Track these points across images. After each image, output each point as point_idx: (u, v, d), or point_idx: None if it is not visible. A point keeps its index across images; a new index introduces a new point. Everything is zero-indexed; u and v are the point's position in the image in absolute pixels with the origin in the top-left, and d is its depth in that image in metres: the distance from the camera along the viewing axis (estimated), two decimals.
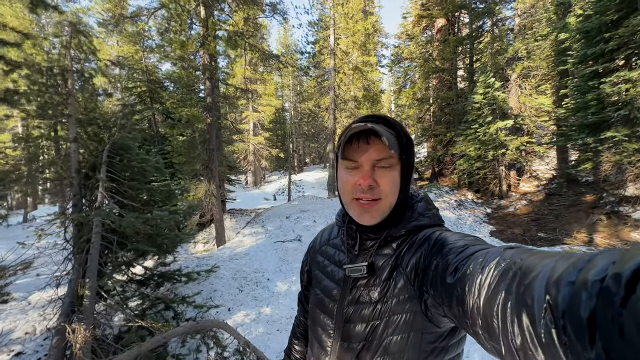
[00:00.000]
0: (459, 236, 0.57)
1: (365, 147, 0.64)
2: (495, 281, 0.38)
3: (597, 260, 0.26)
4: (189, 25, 6.97)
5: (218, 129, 8.49)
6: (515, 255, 0.39)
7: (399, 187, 0.65)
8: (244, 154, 19.29)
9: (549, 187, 9.13)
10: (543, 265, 0.32)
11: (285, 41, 24.38)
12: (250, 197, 16.24)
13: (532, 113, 9.80)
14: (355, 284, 0.68)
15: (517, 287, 0.34)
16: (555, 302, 0.27)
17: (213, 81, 7.14)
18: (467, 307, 0.43)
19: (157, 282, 3.77)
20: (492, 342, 0.38)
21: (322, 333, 0.73)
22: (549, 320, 0.28)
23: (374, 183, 0.63)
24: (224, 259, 5.47)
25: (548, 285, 0.29)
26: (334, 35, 12.45)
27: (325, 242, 0.84)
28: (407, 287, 0.61)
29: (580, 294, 0.25)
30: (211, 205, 6.99)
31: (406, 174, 0.66)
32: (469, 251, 0.49)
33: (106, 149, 3.88)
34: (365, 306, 0.65)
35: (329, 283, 0.75)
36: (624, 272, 0.22)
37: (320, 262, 0.82)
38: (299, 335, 0.99)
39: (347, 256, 0.72)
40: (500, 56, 10.11)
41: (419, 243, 0.62)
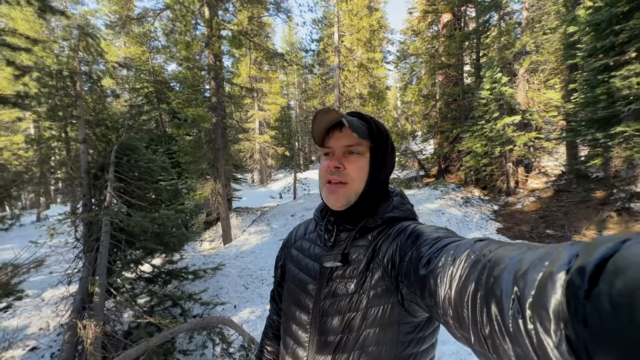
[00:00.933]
0: (432, 229, 0.58)
1: (338, 134, 0.70)
2: (466, 273, 0.39)
3: (561, 253, 0.27)
4: (194, 25, 7.03)
5: (223, 128, 8.57)
6: (485, 247, 0.40)
7: (368, 174, 0.68)
8: (250, 153, 19.41)
9: (558, 184, 8.98)
10: (511, 257, 0.33)
11: (290, 39, 24.37)
12: (257, 195, 16.36)
13: (540, 108, 9.63)
14: (332, 276, 0.68)
15: (487, 279, 0.35)
16: (522, 293, 0.28)
17: (218, 81, 7.20)
18: (439, 297, 0.44)
19: (164, 280, 3.85)
20: (462, 332, 0.39)
21: (299, 329, 0.72)
22: (516, 310, 0.29)
23: (341, 166, 0.67)
24: (230, 256, 5.54)
25: (515, 277, 0.30)
26: (338, 32, 12.40)
27: (301, 236, 0.84)
28: (384, 279, 0.61)
29: (546, 286, 0.26)
30: (217, 203, 7.07)
31: (377, 164, 0.69)
32: (441, 243, 0.50)
33: (114, 149, 3.97)
34: (342, 298, 0.65)
35: (305, 277, 0.74)
36: (587, 266, 0.23)
37: (294, 256, 0.81)
38: (271, 336, 0.96)
39: (322, 248, 0.73)
40: (507, 51, 9.95)
41: (394, 235, 0.63)
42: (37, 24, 12.93)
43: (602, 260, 0.22)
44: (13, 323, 3.81)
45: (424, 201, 8.59)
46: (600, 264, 0.22)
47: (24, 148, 12.24)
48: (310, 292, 0.71)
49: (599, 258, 0.22)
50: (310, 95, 18.39)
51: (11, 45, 2.54)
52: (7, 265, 2.69)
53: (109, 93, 7.30)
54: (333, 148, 0.70)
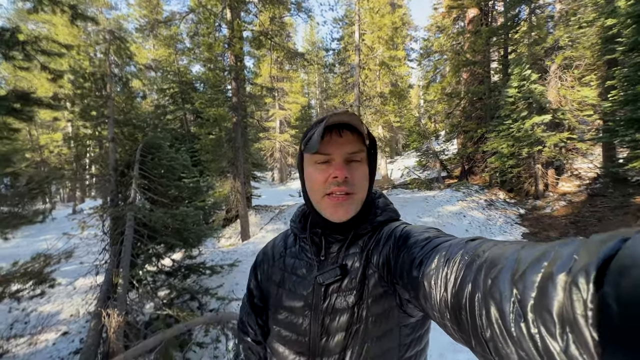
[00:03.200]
0: (421, 229, 0.57)
1: (339, 139, 0.62)
2: (461, 274, 0.38)
3: (560, 253, 0.26)
4: (217, 27, 7.23)
5: (244, 127, 8.75)
6: (478, 247, 0.39)
7: (369, 180, 0.65)
8: (271, 151, 19.71)
9: (592, 187, 8.42)
10: (506, 257, 0.32)
11: (311, 38, 24.47)
12: (276, 194, 16.58)
13: (574, 107, 9.05)
14: (327, 292, 0.63)
15: (484, 280, 0.34)
16: (523, 295, 0.27)
17: (239, 81, 7.36)
18: (435, 300, 0.42)
19: (184, 274, 4.00)
20: (461, 334, 0.38)
21: (295, 355, 0.66)
22: (517, 314, 0.28)
23: (349, 175, 0.61)
24: (247, 253, 5.66)
25: (513, 279, 0.29)
26: (358, 31, 12.29)
27: (281, 253, 0.75)
28: (381, 284, 0.60)
29: (547, 288, 0.25)
30: (236, 201, 7.24)
31: (373, 169, 0.67)
32: (432, 244, 0.49)
33: (139, 148, 4.17)
34: (343, 312, 0.61)
35: (296, 297, 0.68)
36: (589, 268, 0.22)
37: (279, 277, 0.73)
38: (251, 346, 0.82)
39: (314, 263, 0.67)
40: (537, 46, 9.44)
41: (385, 238, 0.61)
42: (75, 29, 13.80)
43: (605, 261, 0.21)
44: (47, 308, 4.11)
45: (445, 203, 8.35)
46: (603, 264, 0.21)
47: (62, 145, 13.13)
48: (304, 313, 0.66)
49: (601, 259, 0.22)
50: (331, 94, 18.39)
51: (46, 52, 2.75)
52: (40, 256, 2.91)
53: (138, 94, 7.67)
54: (333, 155, 0.62)
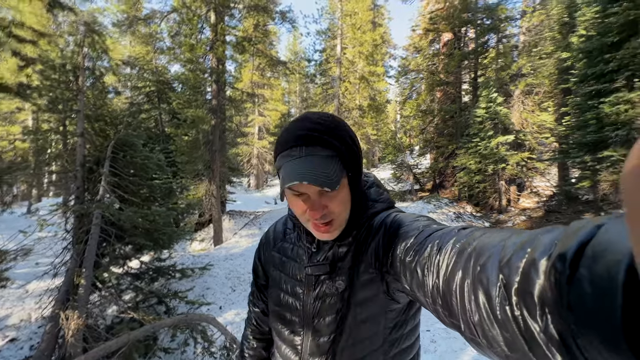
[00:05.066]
0: (413, 218, 0.59)
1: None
2: (452, 262, 0.40)
3: (542, 239, 0.28)
4: (200, 29, 7.18)
5: (222, 131, 8.65)
6: (469, 235, 0.41)
7: (351, 197, 0.63)
8: (248, 157, 19.47)
9: (549, 204, 9.12)
10: (494, 245, 0.34)
11: (294, 48, 24.79)
12: (251, 200, 16.34)
13: (534, 129, 9.85)
14: (319, 278, 0.67)
15: (473, 267, 0.35)
16: (508, 280, 0.29)
17: (220, 84, 7.31)
18: (427, 287, 0.44)
19: (151, 277, 3.85)
20: (451, 319, 0.40)
21: (290, 333, 0.72)
22: (502, 298, 0.29)
23: (325, 211, 0.60)
24: (219, 258, 5.54)
25: (500, 265, 0.31)
26: (340, 44, 12.67)
27: (281, 237, 0.80)
28: (369, 271, 0.62)
29: (530, 273, 0.27)
30: (211, 205, 7.09)
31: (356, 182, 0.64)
32: (425, 233, 0.51)
33: (111, 144, 4.02)
34: (332, 297, 0.65)
35: (291, 281, 0.73)
36: (567, 252, 0.23)
37: (277, 260, 0.78)
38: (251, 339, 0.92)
39: (305, 253, 0.71)
40: (503, 72, 10.23)
41: (376, 228, 0.63)
42: (44, 18, 13.07)
43: (581, 246, 0.23)
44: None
45: None
46: (579, 249, 0.23)
47: (21, 139, 12.20)
48: (298, 296, 0.70)
49: (578, 243, 0.23)
50: (311, 104, 18.62)
51: (19, 37, 2.62)
52: None
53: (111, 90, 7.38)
54: (306, 193, 0.60)
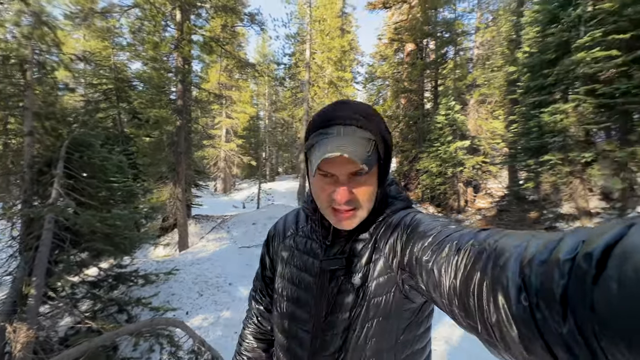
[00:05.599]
0: (431, 218, 0.58)
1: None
2: (471, 262, 0.39)
3: (567, 240, 0.27)
4: (164, 27, 6.94)
5: (188, 132, 8.37)
6: (489, 236, 0.40)
7: (377, 189, 0.63)
8: (215, 160, 18.92)
9: (501, 204, 9.94)
10: (515, 245, 0.33)
11: (263, 50, 24.59)
12: (218, 204, 15.88)
13: (487, 135, 10.73)
14: (334, 274, 0.65)
15: (492, 268, 0.35)
16: (529, 281, 0.28)
17: (185, 84, 7.10)
18: (444, 287, 0.43)
19: (111, 284, 3.64)
20: (468, 321, 0.39)
21: (299, 329, 0.69)
22: (523, 298, 0.29)
23: (351, 197, 0.59)
24: (185, 263, 5.36)
25: (522, 265, 0.30)
26: (309, 49, 12.86)
27: (292, 230, 0.78)
28: (386, 269, 0.61)
29: (553, 273, 0.26)
30: (175, 209, 6.82)
31: (384, 175, 0.64)
32: (443, 233, 0.49)
33: (65, 144, 3.76)
34: (347, 294, 0.63)
35: (303, 275, 0.70)
36: (594, 252, 0.22)
37: (288, 253, 0.76)
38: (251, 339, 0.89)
39: (320, 247, 0.69)
40: (460, 82, 11.03)
41: (394, 225, 0.62)
42: None
43: (609, 246, 0.22)
44: None
45: None
46: (607, 249, 0.22)
47: None
48: (311, 290, 0.68)
49: (606, 243, 0.22)
50: (280, 107, 18.60)
51: None
52: None
53: (62, 86, 6.85)
54: (335, 175, 0.59)
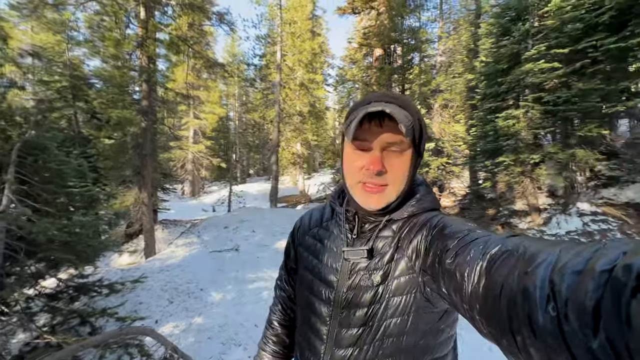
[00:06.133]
0: (460, 221, 0.57)
1: (378, 129, 0.59)
2: (496, 267, 0.37)
3: (607, 250, 0.25)
4: (126, 23, 6.62)
5: (153, 133, 8.03)
6: (519, 242, 0.38)
7: (409, 171, 0.63)
8: (182, 162, 18.23)
9: (463, 202, 10.62)
10: (547, 253, 0.32)
11: (232, 50, 24.12)
12: (187, 208, 15.32)
13: (450, 138, 11.39)
14: (355, 268, 0.65)
15: (519, 275, 0.33)
16: (559, 290, 0.27)
17: (150, 84, 6.83)
18: (465, 292, 0.42)
19: (71, 296, 3.43)
20: (489, 328, 0.37)
21: (317, 321, 0.70)
22: (551, 308, 0.27)
23: (383, 168, 0.60)
24: (153, 270, 5.15)
25: (552, 274, 0.29)
26: (280, 51, 12.87)
27: (317, 223, 0.79)
28: (408, 269, 0.60)
29: (587, 283, 0.24)
30: (141, 214, 6.52)
31: (417, 160, 0.64)
32: (470, 237, 0.48)
33: (16, 147, 3.49)
34: (367, 290, 0.63)
35: (324, 268, 0.70)
36: (635, 263, 0.21)
37: (311, 245, 0.77)
38: (275, 325, 0.90)
39: (344, 240, 0.69)
40: (425, 87, 11.62)
41: (419, 225, 0.61)
42: None
43: None
44: None
45: None
46: None
47: None
48: (331, 284, 0.68)
49: None
50: (251, 108, 18.36)
51: None
52: None
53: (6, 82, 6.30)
54: (371, 144, 0.60)
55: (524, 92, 6.87)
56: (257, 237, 6.90)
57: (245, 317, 3.94)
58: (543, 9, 6.45)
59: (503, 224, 7.71)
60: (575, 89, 6.04)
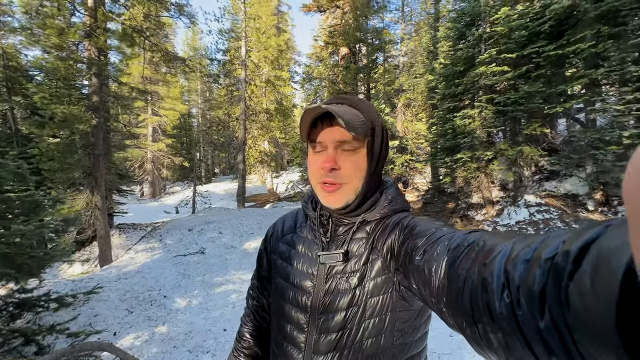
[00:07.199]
0: (428, 221, 0.59)
1: (329, 128, 0.62)
2: (459, 261, 0.40)
3: (550, 240, 0.27)
4: (71, 10, 6.03)
5: (106, 131, 7.43)
6: (478, 237, 0.41)
7: (366, 170, 0.64)
8: (140, 162, 17.11)
9: (425, 197, 11.16)
10: (503, 245, 0.34)
11: (193, 44, 23.04)
12: (146, 211, 14.44)
13: (413, 136, 11.90)
14: (332, 273, 0.66)
15: (479, 267, 0.35)
16: (512, 278, 0.29)
17: (102, 78, 6.30)
18: (433, 286, 0.45)
19: (12, 314, 3.07)
20: (455, 319, 0.40)
21: (294, 329, 0.69)
22: (505, 295, 0.30)
23: (336, 166, 0.62)
24: (109, 279, 4.79)
25: (507, 264, 0.31)
26: (245, 47, 12.53)
27: (290, 229, 0.79)
28: (383, 269, 0.62)
29: (534, 270, 0.26)
30: (94, 219, 6.02)
31: (374, 157, 0.65)
32: (436, 235, 0.51)
33: None
34: (345, 294, 0.64)
35: (300, 274, 0.70)
36: (572, 249, 0.23)
37: (284, 251, 0.76)
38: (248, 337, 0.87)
39: (319, 244, 0.69)
40: (389, 87, 12.00)
41: (392, 226, 0.63)
42: None
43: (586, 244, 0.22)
44: None
45: None
46: (584, 247, 0.22)
47: None
48: (307, 290, 0.68)
49: (584, 241, 0.22)
50: (215, 105, 17.69)
51: None
52: None
53: None
54: (324, 143, 0.63)
55: (478, 93, 7.36)
56: (225, 238, 6.69)
57: (213, 322, 3.82)
58: (494, 16, 6.95)
59: (461, 217, 8.24)
60: (522, 91, 6.60)
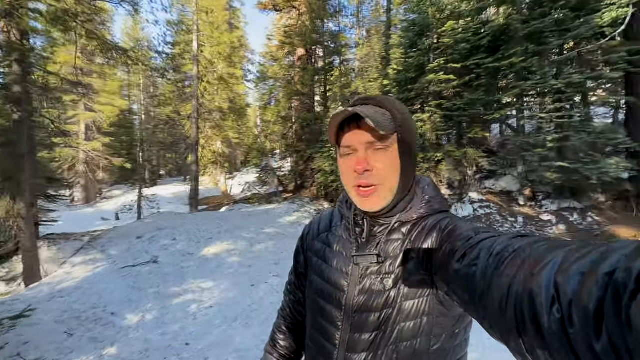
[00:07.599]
0: (468, 224, 0.57)
1: (357, 130, 0.61)
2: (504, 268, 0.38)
3: (610, 253, 0.26)
4: None
5: (30, 128, 6.40)
6: (525, 244, 0.39)
7: (400, 167, 0.62)
8: (71, 163, 15.14)
9: None
10: (553, 255, 0.32)
11: (135, 34, 21.07)
12: (80, 218, 12.83)
13: None
14: (366, 273, 0.65)
15: (526, 276, 0.33)
16: (564, 291, 0.27)
17: (25, 66, 5.42)
18: (473, 293, 0.42)
19: None
20: (497, 329, 0.38)
21: (329, 325, 0.69)
22: (555, 310, 0.28)
23: (369, 167, 0.60)
24: (40, 299, 4.12)
25: (557, 276, 0.29)
26: (197, 41, 11.85)
27: (326, 228, 0.79)
28: (420, 272, 0.60)
29: (590, 286, 0.25)
30: (17, 230, 5.14)
31: (406, 153, 0.63)
32: (477, 238, 0.48)
33: None
34: (379, 295, 0.63)
35: (335, 273, 0.70)
36: (635, 265, 0.21)
37: (320, 250, 0.76)
38: (284, 329, 0.91)
39: (354, 244, 0.69)
40: (345, 89, 12.33)
41: (429, 228, 0.62)
42: None
43: None
44: None
45: (284, 214, 9.21)
46: None
47: None
48: (342, 289, 0.68)
49: None
50: (163, 101, 16.39)
51: None
52: None
53: None
54: (353, 146, 0.62)
55: (428, 98, 7.93)
56: (180, 245, 6.21)
57: (173, 337, 3.50)
58: (441, 28, 7.55)
59: None
60: (466, 98, 7.28)
